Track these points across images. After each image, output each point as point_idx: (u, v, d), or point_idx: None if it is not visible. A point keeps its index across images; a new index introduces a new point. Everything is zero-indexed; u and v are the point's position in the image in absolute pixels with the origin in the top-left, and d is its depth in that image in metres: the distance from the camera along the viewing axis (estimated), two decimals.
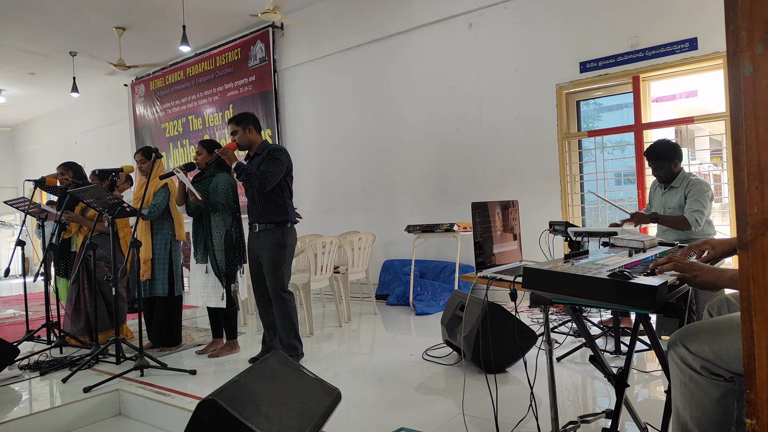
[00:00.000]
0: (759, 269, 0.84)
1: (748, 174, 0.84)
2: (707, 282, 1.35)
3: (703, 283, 1.35)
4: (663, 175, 3.35)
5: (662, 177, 3.37)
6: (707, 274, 1.35)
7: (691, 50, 4.22)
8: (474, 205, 2.05)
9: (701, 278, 1.35)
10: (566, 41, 4.82)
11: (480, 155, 5.37)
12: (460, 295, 3.29)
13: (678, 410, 1.34)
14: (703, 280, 1.35)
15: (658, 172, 3.36)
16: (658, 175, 3.38)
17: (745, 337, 0.86)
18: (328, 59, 6.60)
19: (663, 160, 3.30)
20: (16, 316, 6.02)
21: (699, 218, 3.17)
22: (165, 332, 3.84)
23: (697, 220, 3.17)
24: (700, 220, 3.17)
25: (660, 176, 3.37)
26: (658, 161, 3.31)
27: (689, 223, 3.18)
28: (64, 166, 4.40)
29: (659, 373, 2.84)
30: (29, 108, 11.12)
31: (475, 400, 2.55)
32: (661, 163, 3.31)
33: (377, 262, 5.98)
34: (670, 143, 3.36)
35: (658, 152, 3.31)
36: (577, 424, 1.94)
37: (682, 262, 1.39)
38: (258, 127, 3.46)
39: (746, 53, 0.84)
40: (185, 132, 8.42)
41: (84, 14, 6.60)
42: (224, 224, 3.50)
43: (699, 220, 3.17)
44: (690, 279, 1.36)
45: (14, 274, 10.99)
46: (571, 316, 1.85)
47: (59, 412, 2.72)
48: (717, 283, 1.34)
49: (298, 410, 1.70)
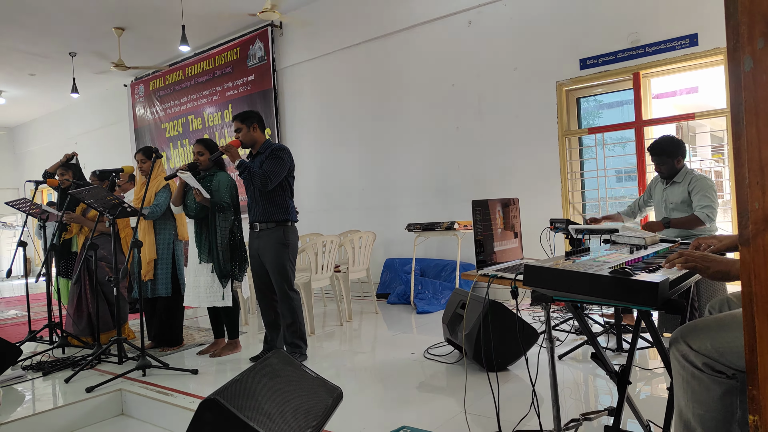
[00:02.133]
0: (760, 265, 0.84)
1: (749, 170, 0.84)
2: (721, 272, 1.35)
3: (717, 273, 1.35)
4: (665, 171, 3.34)
5: (664, 173, 3.36)
6: (720, 265, 1.35)
7: (691, 46, 4.21)
8: (474, 203, 2.05)
9: (714, 268, 1.35)
10: (566, 38, 4.81)
11: (480, 153, 5.37)
12: (461, 294, 3.29)
13: (680, 407, 1.34)
14: (717, 270, 1.35)
15: (661, 168, 3.35)
16: (660, 170, 3.37)
17: (747, 333, 0.86)
18: (327, 58, 6.59)
19: (666, 156, 3.29)
20: (19, 316, 6.02)
21: (710, 213, 3.15)
22: (167, 332, 3.84)
23: (708, 216, 3.15)
24: (712, 215, 3.16)
25: (662, 172, 3.36)
26: (662, 156, 3.30)
27: (702, 220, 3.16)
28: (64, 167, 4.40)
29: (661, 370, 2.84)
30: (29, 109, 11.12)
31: (477, 398, 2.55)
32: (665, 158, 3.30)
33: (378, 261, 5.98)
34: (674, 139, 3.35)
35: (662, 147, 3.30)
36: (579, 421, 1.94)
37: (693, 255, 1.40)
38: (262, 126, 3.45)
39: (746, 48, 0.84)
40: (185, 132, 8.43)
41: (83, 15, 6.60)
42: (227, 223, 3.50)
43: (711, 215, 3.15)
44: (703, 270, 1.36)
45: (16, 275, 11.01)
46: (572, 314, 1.85)
47: (62, 412, 2.72)
48: (730, 272, 1.34)
49: (300, 409, 1.71)
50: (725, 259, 1.38)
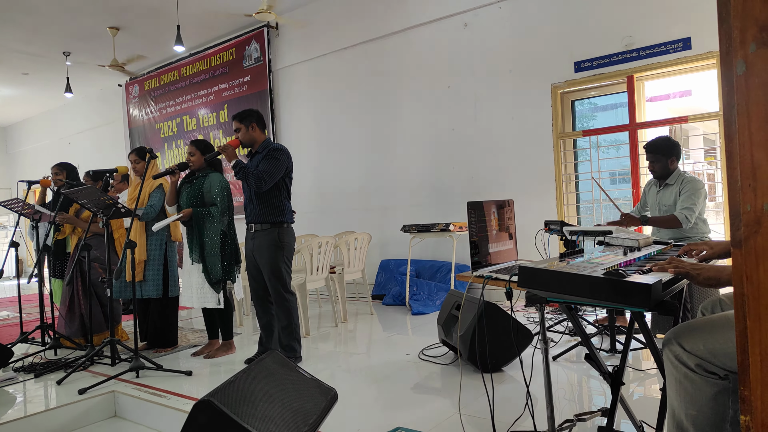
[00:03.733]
0: (752, 267, 0.84)
1: (741, 172, 0.85)
2: (711, 278, 1.36)
3: (707, 279, 1.37)
4: (658, 170, 3.37)
5: (657, 172, 3.39)
6: (709, 271, 1.37)
7: (684, 50, 4.25)
8: (470, 204, 2.05)
9: (704, 275, 1.37)
10: (561, 41, 4.84)
11: (475, 155, 5.38)
12: (456, 295, 3.30)
13: (673, 408, 1.35)
14: (707, 276, 1.36)
15: (654, 166, 3.38)
16: (653, 169, 3.40)
17: (739, 334, 0.86)
18: (323, 59, 6.59)
19: (661, 155, 3.32)
20: (10, 317, 5.97)
21: (689, 215, 3.17)
22: (160, 333, 3.82)
23: (687, 218, 3.17)
24: (690, 217, 3.18)
25: (655, 170, 3.39)
26: (656, 154, 3.34)
27: (680, 221, 3.19)
28: (58, 167, 4.37)
29: (654, 371, 2.85)
30: (22, 108, 11.05)
31: (472, 399, 2.55)
32: (659, 156, 3.33)
33: (373, 262, 5.98)
34: (671, 140, 3.39)
35: (657, 146, 3.35)
36: (573, 422, 1.95)
37: (683, 263, 1.42)
38: (262, 125, 3.41)
39: (739, 52, 0.84)
40: (180, 132, 8.39)
41: (77, 14, 6.57)
42: (219, 225, 3.48)
43: (689, 217, 3.17)
44: (693, 276, 1.38)
45: (8, 275, 10.91)
46: (566, 315, 1.86)
47: (54, 414, 2.70)
48: (720, 279, 1.36)
49: (295, 410, 1.70)
50: (715, 266, 1.40)
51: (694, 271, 1.38)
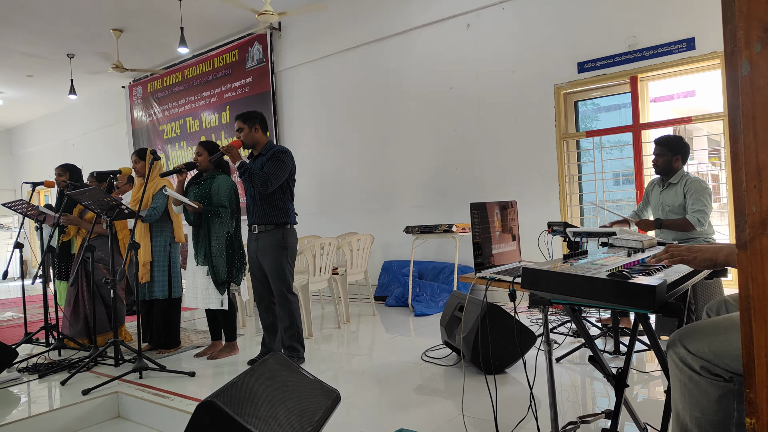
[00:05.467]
0: (758, 268, 0.84)
1: (746, 173, 0.84)
2: (708, 259, 1.38)
3: (703, 261, 1.39)
4: (661, 164, 3.37)
5: (659, 166, 3.39)
6: (705, 253, 1.39)
7: (688, 50, 4.23)
8: (473, 205, 2.05)
9: (701, 257, 1.39)
10: (564, 42, 4.83)
11: (478, 156, 5.38)
12: (459, 296, 3.29)
13: (677, 410, 1.34)
14: (703, 258, 1.38)
15: (658, 160, 3.39)
16: (656, 163, 3.40)
17: (744, 336, 0.86)
18: (326, 60, 6.60)
19: (668, 149, 3.35)
20: (15, 318, 6.00)
21: (701, 218, 3.18)
22: (164, 334, 3.83)
23: (699, 220, 3.17)
24: (703, 220, 3.18)
25: (657, 165, 3.39)
26: (663, 148, 3.37)
27: (692, 224, 3.18)
28: (61, 168, 4.39)
29: (659, 373, 2.84)
30: (27, 110, 11.10)
31: (475, 401, 2.55)
32: (665, 151, 3.35)
33: (376, 264, 5.97)
34: (682, 140, 3.42)
35: (667, 140, 3.39)
36: (577, 424, 1.94)
37: (678, 249, 1.45)
38: (264, 127, 3.42)
39: (744, 53, 0.84)
40: (183, 134, 8.42)
41: (81, 16, 6.60)
42: (226, 227, 3.49)
43: (702, 219, 3.18)
44: (690, 260, 1.40)
45: (12, 276, 10.97)
46: (570, 317, 1.85)
47: (58, 414, 2.71)
48: (717, 260, 1.37)
49: (298, 412, 1.70)
50: (710, 246, 1.42)
51: (690, 256, 1.40)
